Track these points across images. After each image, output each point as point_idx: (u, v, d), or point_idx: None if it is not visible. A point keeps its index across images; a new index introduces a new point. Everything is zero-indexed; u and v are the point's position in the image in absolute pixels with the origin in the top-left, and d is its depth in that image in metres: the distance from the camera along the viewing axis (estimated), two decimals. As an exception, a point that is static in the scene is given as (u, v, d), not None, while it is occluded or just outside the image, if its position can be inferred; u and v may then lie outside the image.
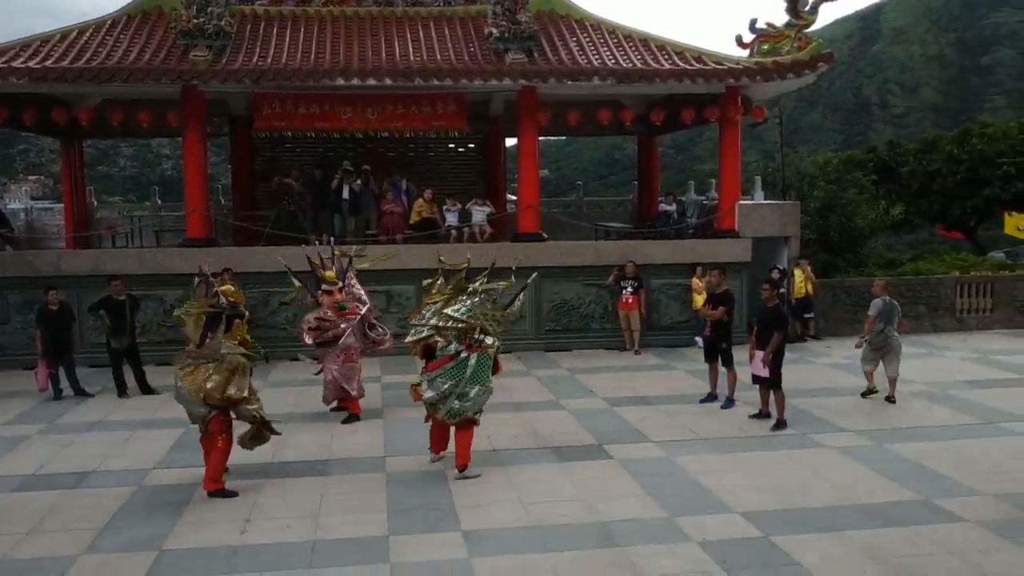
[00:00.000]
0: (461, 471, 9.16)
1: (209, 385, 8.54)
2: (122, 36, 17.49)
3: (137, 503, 8.55)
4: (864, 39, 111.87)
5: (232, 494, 8.69)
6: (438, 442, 9.54)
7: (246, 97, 17.81)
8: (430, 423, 9.52)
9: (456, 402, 9.10)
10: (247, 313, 10.42)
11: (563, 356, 16.40)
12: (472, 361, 9.11)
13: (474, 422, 9.38)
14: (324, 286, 11.70)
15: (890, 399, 12.46)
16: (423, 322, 9.33)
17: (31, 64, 15.82)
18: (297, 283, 12.13)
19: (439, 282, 9.96)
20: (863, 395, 12.77)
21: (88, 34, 17.46)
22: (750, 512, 7.99)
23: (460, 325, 9.13)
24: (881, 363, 12.70)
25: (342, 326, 11.54)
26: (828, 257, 22.32)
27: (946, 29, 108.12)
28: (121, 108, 17.08)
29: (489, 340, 9.30)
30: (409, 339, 9.57)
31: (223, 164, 43.92)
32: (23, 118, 16.75)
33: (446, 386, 9.04)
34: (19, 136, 70.41)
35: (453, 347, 9.22)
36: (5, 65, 15.62)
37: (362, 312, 11.86)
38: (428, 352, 9.33)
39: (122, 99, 17.37)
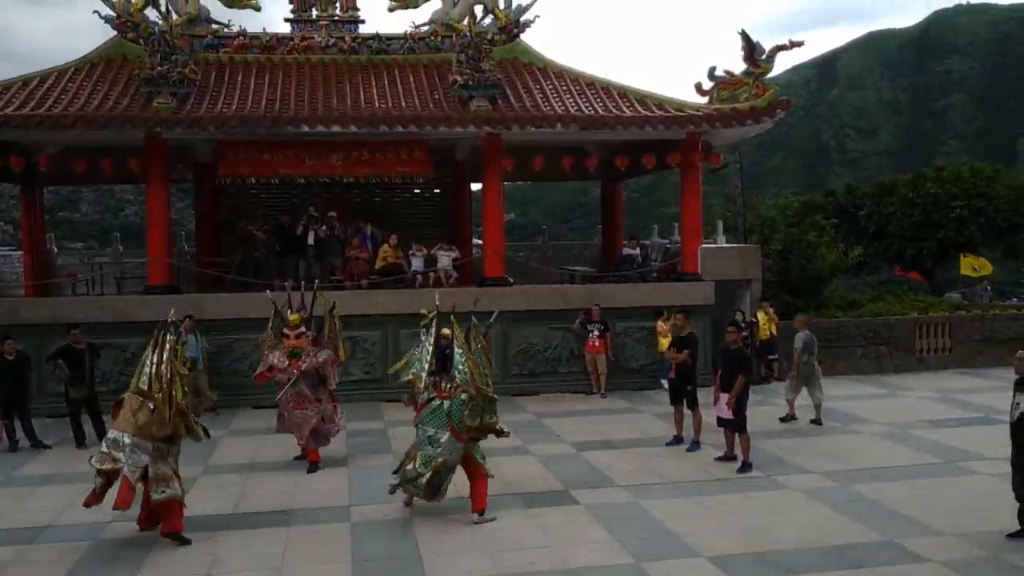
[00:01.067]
0: (480, 515, 9.14)
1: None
2: (85, 83, 17.45)
3: (94, 557, 8.36)
4: (821, 85, 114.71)
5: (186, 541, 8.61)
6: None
7: (211, 144, 17.79)
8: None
9: (428, 447, 9.10)
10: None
11: (530, 400, 16.37)
12: (446, 407, 9.16)
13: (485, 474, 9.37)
14: (284, 329, 11.55)
15: (817, 422, 13.77)
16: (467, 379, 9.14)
17: (-9, 111, 15.70)
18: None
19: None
20: (782, 419, 14.06)
21: (51, 81, 17.40)
22: (718, 556, 7.99)
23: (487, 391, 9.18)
24: (804, 391, 14.07)
25: (287, 374, 11.38)
26: (790, 299, 22.52)
27: (900, 76, 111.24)
28: (84, 155, 16.98)
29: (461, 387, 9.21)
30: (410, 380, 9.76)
31: (187, 210, 43.56)
32: (-20, 165, 16.58)
33: (430, 432, 9.12)
34: (-22, 182, 69.52)
35: (426, 394, 9.37)
36: (-36, 112, 15.48)
37: (304, 367, 11.34)
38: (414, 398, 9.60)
39: (85, 146, 17.29)
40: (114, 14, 18.22)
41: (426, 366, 9.55)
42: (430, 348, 9.74)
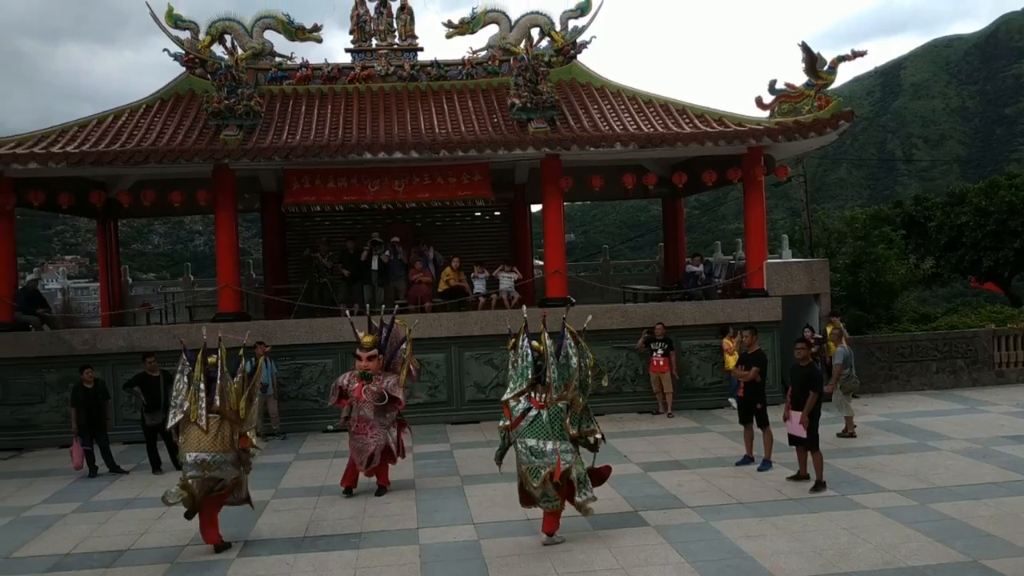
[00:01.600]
0: (549, 537, 9.13)
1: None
2: (156, 119, 18.03)
3: (171, 581, 8.52)
4: (885, 95, 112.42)
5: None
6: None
7: (276, 173, 18.21)
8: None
9: (532, 458, 9.03)
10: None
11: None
12: (544, 417, 9.12)
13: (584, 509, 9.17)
14: (357, 350, 11.58)
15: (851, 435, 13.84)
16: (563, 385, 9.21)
17: (69, 149, 16.31)
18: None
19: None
20: (840, 435, 13.80)
21: (124, 118, 18.03)
22: (792, 578, 7.81)
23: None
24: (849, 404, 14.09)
25: (364, 399, 11.37)
26: (860, 313, 22.09)
27: (966, 82, 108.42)
28: (155, 188, 17.49)
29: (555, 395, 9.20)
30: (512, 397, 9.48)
31: (255, 239, 44.62)
32: (60, 200, 17.18)
33: (531, 443, 9.07)
34: (56, 218, 72.15)
35: (523, 405, 9.29)
36: (44, 151, 16.11)
37: (370, 391, 11.32)
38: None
39: (156, 179, 17.85)
40: (182, 51, 18.88)
41: (524, 383, 9.35)
42: (526, 362, 9.44)
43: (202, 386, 9.33)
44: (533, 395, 9.30)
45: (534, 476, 9.03)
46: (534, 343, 9.51)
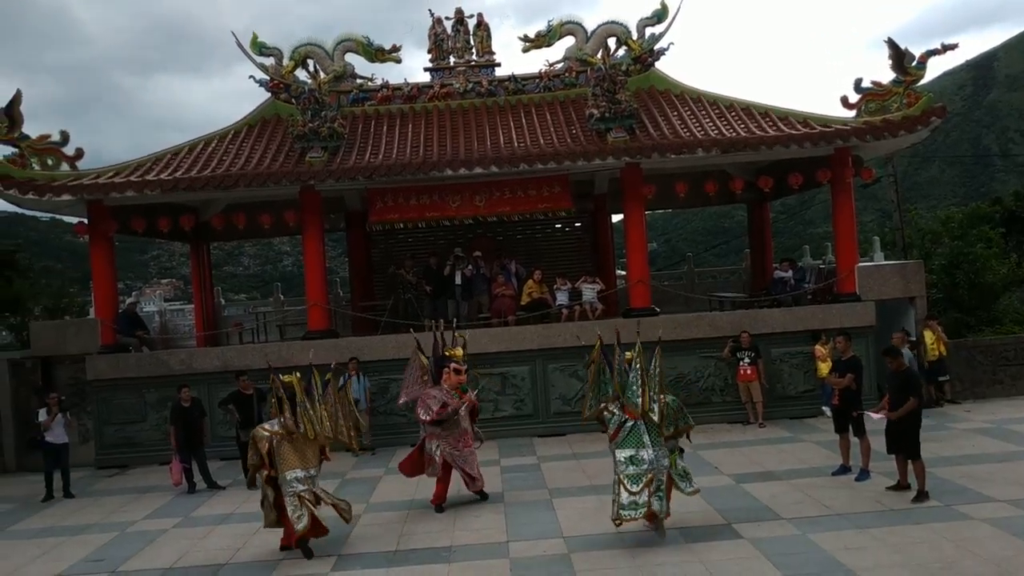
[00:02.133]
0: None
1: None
2: (244, 144, 18.59)
3: (269, 595, 8.69)
4: (978, 88, 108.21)
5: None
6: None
7: (360, 193, 18.55)
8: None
9: (632, 467, 9.31)
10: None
11: (684, 432, 15.99)
12: (642, 426, 9.44)
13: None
14: (453, 364, 11.62)
15: None
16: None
17: (163, 176, 16.95)
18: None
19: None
20: None
21: (213, 144, 18.65)
22: (897, 593, 7.50)
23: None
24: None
25: (460, 410, 11.48)
26: (959, 316, 21.22)
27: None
28: (244, 211, 18.03)
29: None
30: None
31: (341, 258, 45.54)
32: (157, 225, 17.86)
33: (629, 453, 9.36)
34: (152, 243, 75.04)
35: (618, 417, 9.61)
36: (140, 179, 16.78)
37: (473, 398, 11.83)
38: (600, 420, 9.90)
39: (245, 202, 18.38)
40: (267, 77, 19.47)
41: (611, 391, 9.79)
42: (610, 374, 9.85)
43: (308, 406, 9.97)
44: (626, 405, 9.59)
45: (633, 481, 9.25)
46: (627, 354, 9.76)
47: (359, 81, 20.20)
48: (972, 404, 16.93)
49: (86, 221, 17.51)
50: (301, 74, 19.43)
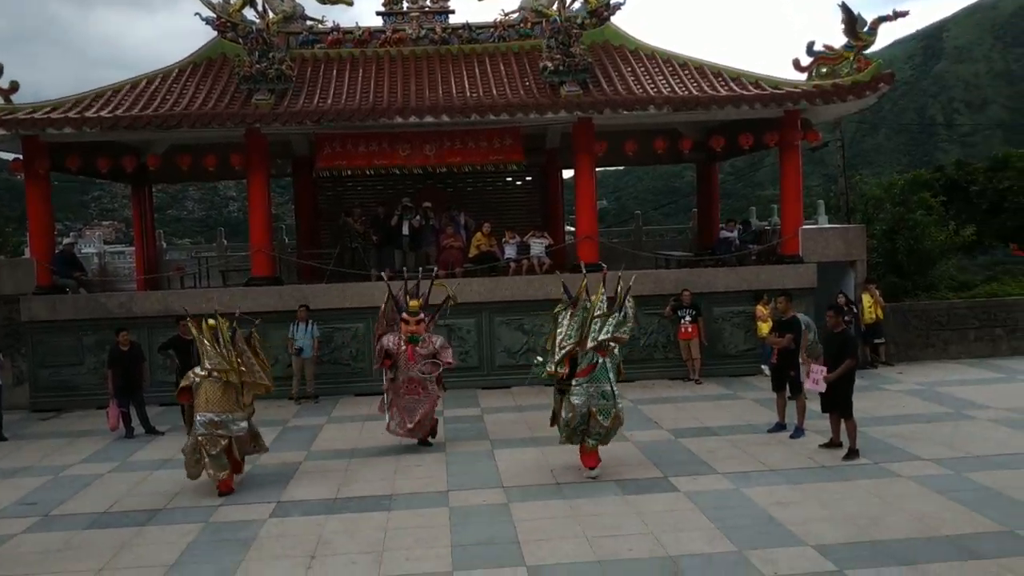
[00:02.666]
0: (592, 470, 10.23)
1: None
2: (188, 84, 18.06)
3: (205, 540, 8.65)
4: (927, 58, 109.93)
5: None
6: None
7: (308, 138, 18.21)
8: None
9: (602, 400, 10.08)
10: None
11: (626, 387, 16.13)
12: (608, 363, 10.18)
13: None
14: (404, 315, 11.63)
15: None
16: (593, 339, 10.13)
17: (103, 114, 16.41)
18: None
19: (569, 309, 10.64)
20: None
21: (156, 83, 18.07)
22: (823, 545, 7.74)
23: (622, 339, 10.41)
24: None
25: (402, 359, 11.53)
26: (897, 280, 21.71)
27: (1012, 45, 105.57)
28: (188, 153, 17.59)
29: (612, 345, 10.26)
30: (552, 365, 10.37)
31: (287, 204, 44.85)
32: (97, 165, 17.36)
33: (604, 388, 10.10)
34: (93, 183, 73.03)
35: (590, 356, 10.14)
36: (78, 115, 16.23)
37: (439, 350, 11.86)
38: (573, 363, 10.29)
39: (189, 144, 17.93)
40: (214, 15, 18.83)
41: (576, 335, 10.29)
42: (579, 320, 10.38)
43: (208, 347, 10.27)
44: (600, 346, 10.17)
45: (603, 415, 10.08)
46: (594, 298, 10.52)
47: (309, 23, 19.70)
48: (905, 366, 17.42)
49: (21, 158, 16.92)
50: (249, 13, 18.77)
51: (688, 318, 16.33)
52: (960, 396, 14.25)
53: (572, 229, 19.71)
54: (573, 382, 10.21)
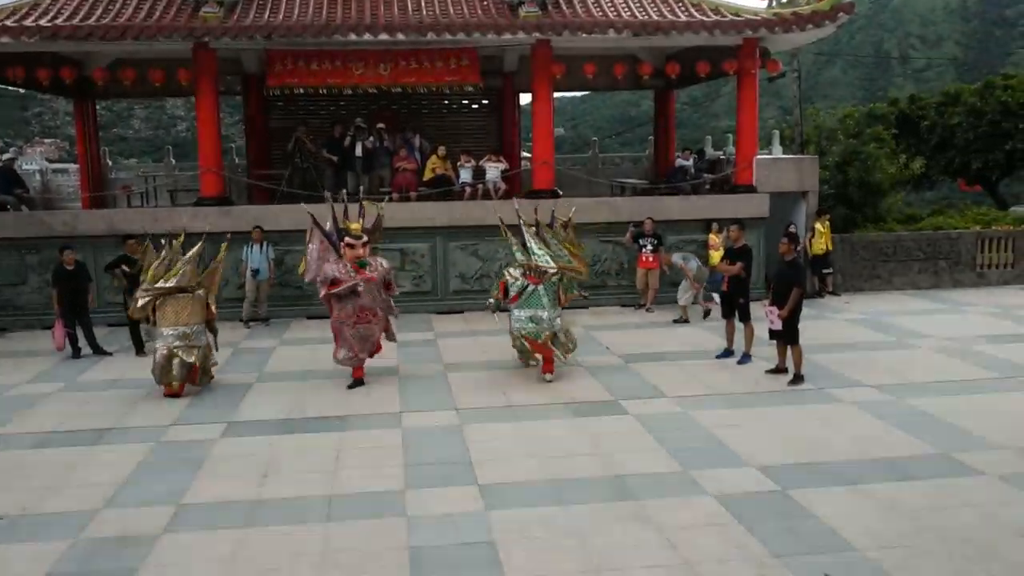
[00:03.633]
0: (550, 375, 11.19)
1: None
2: (133, -7, 17.30)
3: (155, 459, 8.61)
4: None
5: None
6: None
7: (258, 55, 17.67)
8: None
9: (531, 324, 10.96)
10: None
11: (579, 313, 16.30)
12: (540, 290, 10.99)
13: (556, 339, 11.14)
14: (347, 239, 10.99)
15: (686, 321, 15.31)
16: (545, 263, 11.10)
17: (42, 23, 15.70)
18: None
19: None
20: (676, 321, 15.37)
21: (99, -9, 17.28)
22: (767, 466, 7.97)
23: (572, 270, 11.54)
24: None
25: (358, 284, 10.95)
26: (847, 212, 22.03)
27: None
28: (133, 67, 17.02)
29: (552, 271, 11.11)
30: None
31: (237, 125, 43.75)
32: (37, 77, 16.68)
33: (530, 313, 10.96)
34: (34, 99, 70.42)
35: (520, 283, 11.08)
36: (16, 24, 15.50)
37: (383, 271, 11.27)
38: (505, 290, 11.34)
39: (134, 58, 17.29)
40: (159, -79, 17.93)
41: (519, 257, 11.33)
42: (524, 244, 11.27)
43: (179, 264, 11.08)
44: (530, 273, 11.08)
45: (536, 339, 10.96)
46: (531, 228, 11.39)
47: (260, -67, 18.88)
48: (851, 296, 17.82)
49: (-45, 67, 16.22)
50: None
51: (649, 247, 16.15)
52: (903, 326, 14.63)
53: (528, 155, 19.56)
54: (512, 307, 11.13)
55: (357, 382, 11.28)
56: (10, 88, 17.83)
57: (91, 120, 21.04)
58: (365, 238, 11.14)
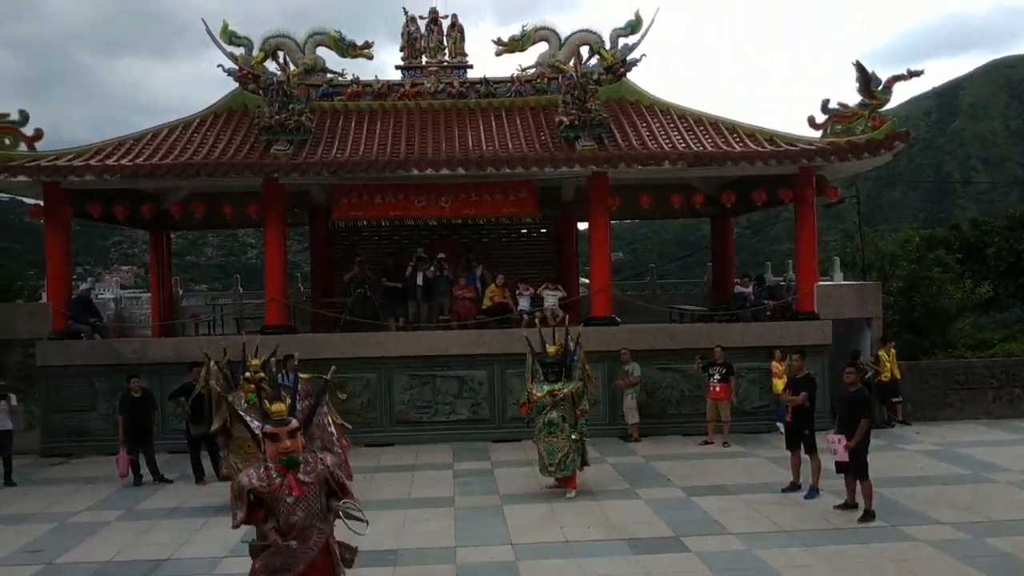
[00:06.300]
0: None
1: None
2: (208, 133, 18.33)
3: (208, 593, 8.53)
4: (943, 116, 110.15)
5: None
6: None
7: (325, 188, 18.39)
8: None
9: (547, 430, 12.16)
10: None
11: (638, 443, 16.03)
12: (555, 414, 12.14)
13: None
14: (267, 427, 6.29)
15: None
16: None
17: (124, 162, 16.65)
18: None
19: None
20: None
21: (178, 132, 18.36)
22: (838, 612, 7.55)
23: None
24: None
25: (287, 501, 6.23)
26: (913, 338, 21.55)
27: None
28: (206, 201, 17.78)
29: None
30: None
31: (304, 252, 45.06)
32: (116, 212, 17.55)
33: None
34: (115, 229, 73.73)
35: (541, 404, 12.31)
36: (100, 163, 16.48)
37: (332, 473, 6.52)
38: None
39: (207, 192, 18.12)
40: (236, 67, 19.17)
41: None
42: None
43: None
44: (552, 389, 12.15)
45: (550, 454, 12.06)
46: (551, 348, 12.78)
47: (329, 76, 19.97)
48: (922, 426, 17.17)
49: (42, 204, 17.16)
50: (271, 65, 19.14)
51: (718, 376, 15.61)
52: (979, 457, 14.00)
53: (587, 281, 19.71)
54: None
55: None
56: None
57: (165, 250, 21.98)
58: (294, 423, 6.28)
